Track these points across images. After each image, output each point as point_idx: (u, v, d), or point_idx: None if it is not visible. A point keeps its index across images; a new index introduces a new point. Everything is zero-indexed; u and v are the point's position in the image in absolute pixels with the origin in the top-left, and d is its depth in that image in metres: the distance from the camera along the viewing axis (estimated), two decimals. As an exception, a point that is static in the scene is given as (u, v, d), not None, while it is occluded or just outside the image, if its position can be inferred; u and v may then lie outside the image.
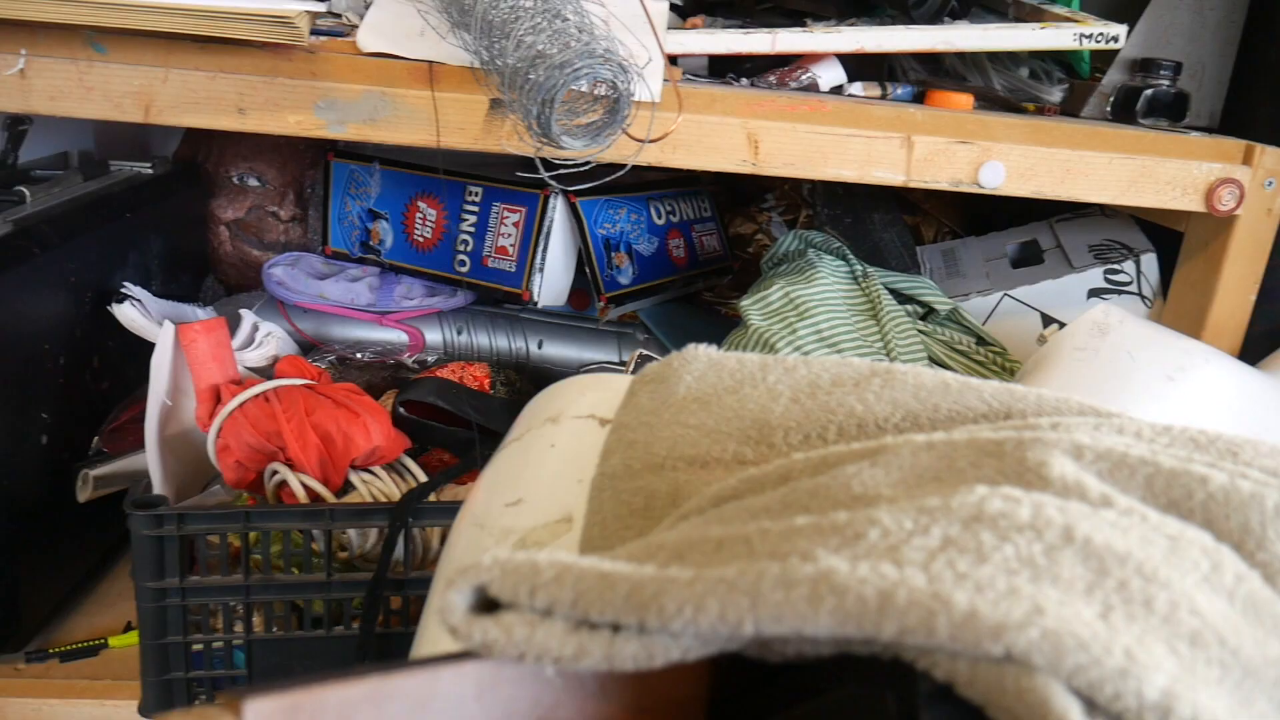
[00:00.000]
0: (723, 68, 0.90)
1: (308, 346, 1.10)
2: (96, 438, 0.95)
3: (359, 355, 1.08)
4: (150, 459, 0.89)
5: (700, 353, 0.50)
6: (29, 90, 0.72)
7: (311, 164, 1.23)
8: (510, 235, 1.04)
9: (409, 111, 0.75)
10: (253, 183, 1.21)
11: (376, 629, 0.83)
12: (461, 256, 1.07)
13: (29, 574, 0.88)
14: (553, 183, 0.66)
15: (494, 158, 1.01)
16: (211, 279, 1.23)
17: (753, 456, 0.46)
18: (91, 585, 1.01)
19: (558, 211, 1.02)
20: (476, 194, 1.06)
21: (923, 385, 0.47)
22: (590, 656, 0.31)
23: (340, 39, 0.77)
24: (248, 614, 0.83)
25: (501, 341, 1.10)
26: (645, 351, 0.91)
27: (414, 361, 1.10)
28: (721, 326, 1.20)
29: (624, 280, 1.08)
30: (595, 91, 0.66)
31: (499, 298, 1.07)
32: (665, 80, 0.75)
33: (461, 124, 0.76)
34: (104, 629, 0.95)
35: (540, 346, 1.10)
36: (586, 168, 0.68)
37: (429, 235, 1.10)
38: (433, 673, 0.32)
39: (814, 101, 0.79)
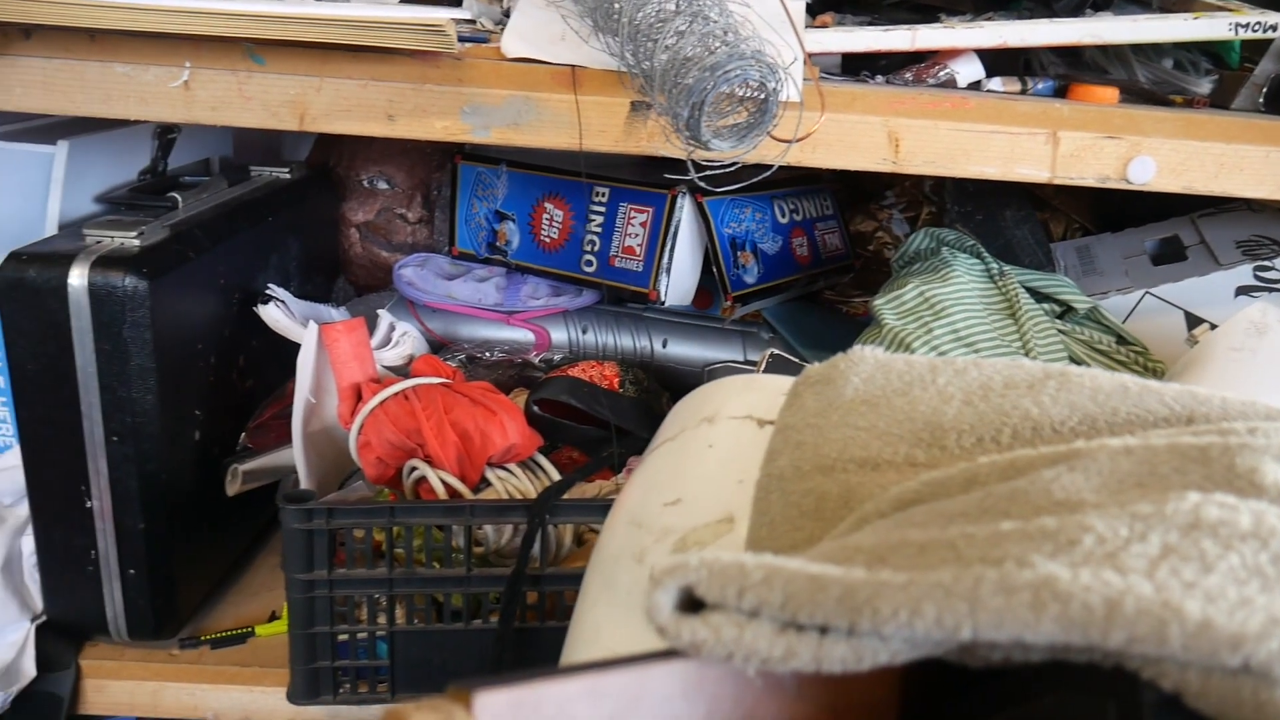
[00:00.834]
0: (856, 65, 0.89)
1: (437, 345, 1.12)
2: (244, 434, 0.98)
3: (487, 354, 1.10)
4: (296, 455, 0.92)
5: (867, 354, 0.50)
6: (192, 101, 0.76)
7: (438, 167, 1.26)
8: (637, 235, 1.05)
9: (552, 115, 0.76)
10: (382, 186, 1.24)
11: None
12: (588, 257, 1.08)
13: (183, 565, 0.92)
14: (702, 184, 0.66)
15: (622, 159, 1.02)
16: (342, 279, 1.27)
17: (924, 459, 0.46)
18: (235, 576, 1.05)
19: (685, 211, 1.03)
20: (603, 195, 1.07)
21: (1100, 388, 0.47)
22: (798, 658, 0.31)
23: (483, 45, 0.78)
24: (390, 606, 0.86)
25: (626, 340, 1.11)
26: (777, 351, 0.91)
27: (540, 360, 1.11)
28: (845, 325, 1.19)
29: (749, 279, 1.08)
30: (741, 93, 0.66)
31: (626, 297, 1.08)
32: (806, 79, 0.75)
33: (603, 127, 0.77)
34: (249, 618, 0.99)
35: (665, 345, 1.10)
36: (732, 168, 0.68)
37: (555, 236, 1.11)
38: (643, 671, 0.32)
39: (956, 98, 0.78)
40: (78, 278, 0.80)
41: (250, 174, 1.13)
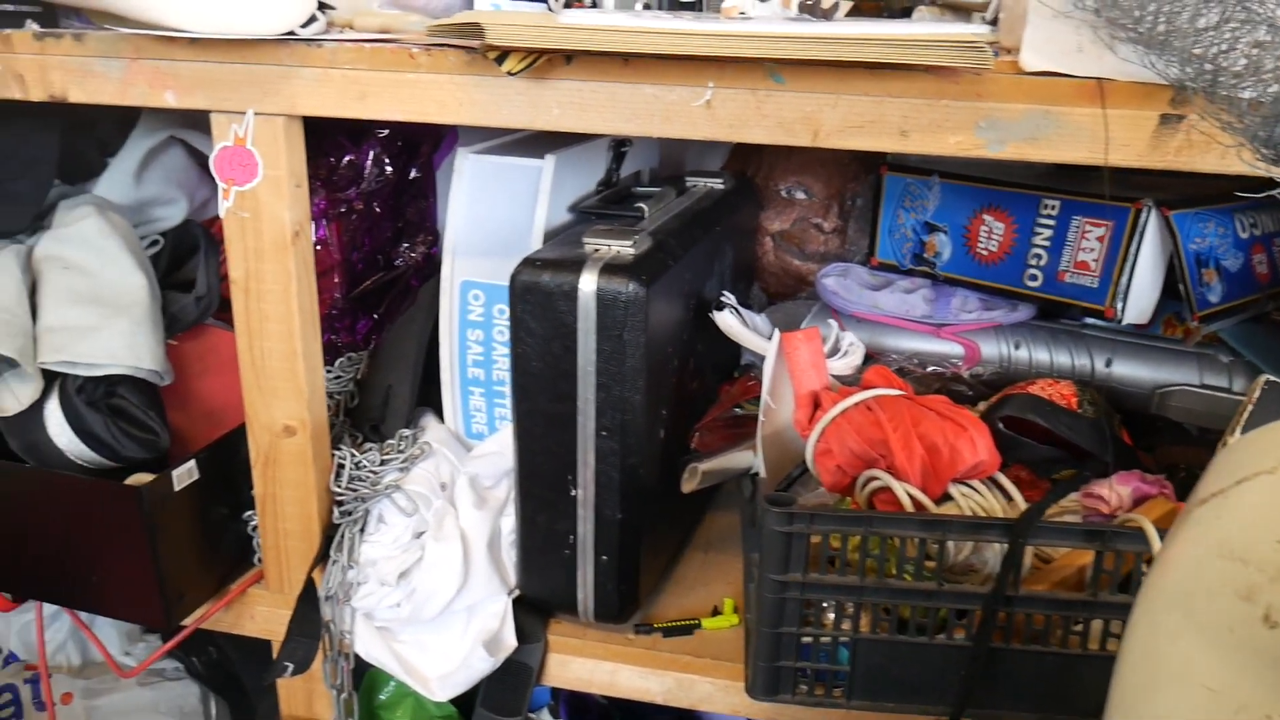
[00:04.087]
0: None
1: (865, 356, 1.13)
2: (696, 434, 1.03)
3: (917, 366, 1.10)
4: (760, 457, 0.95)
5: None
6: (713, 119, 0.80)
7: (853, 177, 1.26)
8: (1093, 250, 1.01)
9: (1072, 129, 0.74)
10: (799, 195, 1.27)
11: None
12: (1033, 270, 1.06)
13: (646, 555, 0.97)
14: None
15: (1038, 168, 0.98)
16: (756, 286, 1.31)
17: None
18: (670, 569, 1.10)
19: (1150, 226, 0.98)
20: (1053, 207, 1.04)
21: None
22: None
23: (996, 59, 0.78)
24: (856, 613, 0.87)
25: (1062, 358, 1.07)
26: (1272, 379, 0.85)
27: (969, 374, 1.10)
28: (1310, 350, 1.10)
29: (1213, 298, 1.01)
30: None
31: (1075, 314, 1.04)
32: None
33: (1126, 140, 0.74)
34: (689, 610, 1.03)
35: (1108, 365, 1.06)
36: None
37: (994, 249, 1.09)
38: None
39: None
40: (588, 283, 0.86)
41: (686, 184, 1.18)
